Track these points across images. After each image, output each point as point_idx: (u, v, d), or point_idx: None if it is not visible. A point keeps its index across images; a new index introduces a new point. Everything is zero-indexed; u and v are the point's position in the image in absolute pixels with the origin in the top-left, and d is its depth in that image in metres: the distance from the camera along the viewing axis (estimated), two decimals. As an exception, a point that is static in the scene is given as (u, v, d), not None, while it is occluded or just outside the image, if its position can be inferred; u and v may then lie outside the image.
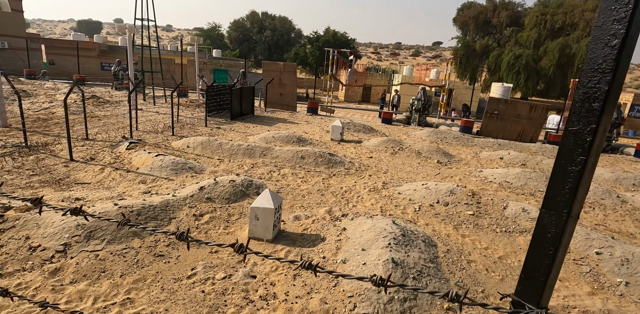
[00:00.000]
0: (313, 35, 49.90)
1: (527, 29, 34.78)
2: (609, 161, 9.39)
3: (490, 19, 37.74)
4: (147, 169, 5.02)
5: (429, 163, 7.23)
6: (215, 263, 3.04)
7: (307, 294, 2.70)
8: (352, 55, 18.94)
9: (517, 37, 35.99)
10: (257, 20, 56.97)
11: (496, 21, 37.53)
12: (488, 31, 39.86)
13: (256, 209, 3.37)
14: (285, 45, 55.85)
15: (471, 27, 39.31)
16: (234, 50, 52.95)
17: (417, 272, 2.90)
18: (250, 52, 56.35)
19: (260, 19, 57.08)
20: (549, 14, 33.06)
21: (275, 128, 9.28)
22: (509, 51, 34.49)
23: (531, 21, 34.27)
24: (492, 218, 4.37)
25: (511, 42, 36.47)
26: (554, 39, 33.33)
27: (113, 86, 16.37)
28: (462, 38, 40.21)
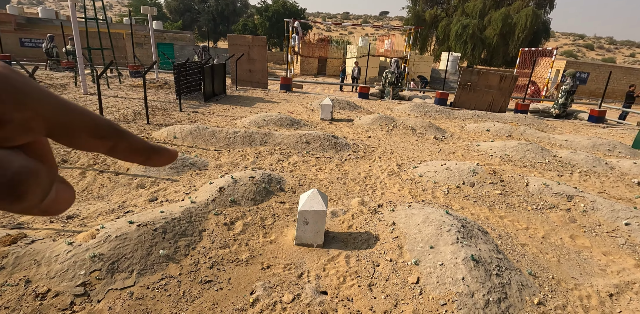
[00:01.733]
0: (261, 4, 46.87)
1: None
2: (572, 127, 10.08)
3: (439, -13, 37.90)
4: (140, 169, 4.27)
5: (426, 139, 7.14)
6: (273, 281, 2.63)
7: (395, 308, 2.43)
8: (296, 23, 17.80)
9: (463, 7, 36.75)
10: (198, -13, 51.93)
11: (445, -10, 37.79)
12: (436, 1, 40.18)
13: (306, 213, 2.95)
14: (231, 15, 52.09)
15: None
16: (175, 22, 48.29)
17: (496, 267, 2.75)
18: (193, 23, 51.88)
19: (202, -15, 52.07)
20: (494, -17, 33.86)
21: (257, 109, 8.56)
22: (456, 21, 35.25)
23: (477, -10, 34.92)
24: (520, 196, 4.38)
25: (458, 11, 37.22)
26: (497, 8, 34.54)
27: (47, 66, 14.05)
28: (412, 7, 40.21)
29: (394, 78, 12.64)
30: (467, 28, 34.53)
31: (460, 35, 35.13)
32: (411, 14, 40.07)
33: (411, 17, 39.64)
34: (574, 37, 76.28)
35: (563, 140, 7.61)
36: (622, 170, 5.90)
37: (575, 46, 66.75)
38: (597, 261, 3.27)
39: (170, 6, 52.03)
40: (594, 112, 11.16)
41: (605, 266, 3.20)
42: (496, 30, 33.89)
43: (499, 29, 33.70)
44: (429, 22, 38.06)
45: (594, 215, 4.01)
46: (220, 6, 50.31)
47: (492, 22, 34.22)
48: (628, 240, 3.65)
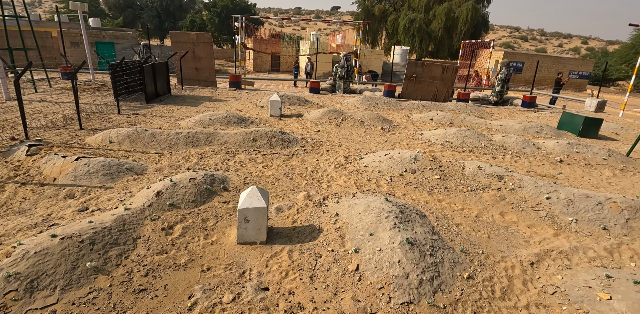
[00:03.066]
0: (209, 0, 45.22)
1: (418, -7, 36.78)
2: (508, 113, 10.86)
3: (386, -17, 38.80)
4: (69, 178, 3.96)
5: (373, 130, 7.33)
6: (213, 283, 2.58)
7: (335, 296, 2.49)
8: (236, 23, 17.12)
9: (410, 2, 38.01)
10: (139, -18, 48.97)
11: (391, -15, 38.75)
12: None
13: (245, 211, 2.92)
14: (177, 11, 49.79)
15: (369, -8, 39.95)
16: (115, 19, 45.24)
17: (430, 247, 2.90)
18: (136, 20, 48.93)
19: (142, -20, 49.14)
20: (435, -21, 35.27)
21: (204, 109, 8.29)
22: (404, 15, 36.39)
23: (421, -14, 36.22)
24: (457, 179, 4.65)
25: (405, 6, 38.44)
26: (441, 3, 36.07)
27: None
28: (362, 3, 40.92)
29: (344, 72, 12.82)
30: (414, 22, 35.76)
31: (408, 29, 36.33)
32: (361, 8, 40.75)
33: (361, 11, 40.31)
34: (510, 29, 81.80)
35: (498, 125, 8.17)
36: (547, 150, 6.46)
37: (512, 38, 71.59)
38: (523, 233, 3.57)
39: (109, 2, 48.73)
40: (526, 98, 12.08)
41: (529, 237, 3.51)
42: (441, 24, 35.43)
43: (443, 23, 35.26)
44: (379, 16, 38.93)
45: (520, 192, 4.37)
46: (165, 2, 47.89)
47: (436, 16, 35.71)
48: (549, 213, 4.02)
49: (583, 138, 7.83)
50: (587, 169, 5.77)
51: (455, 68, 11.69)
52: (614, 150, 6.63)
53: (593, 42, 74.13)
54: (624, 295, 2.43)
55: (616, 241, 3.48)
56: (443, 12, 34.49)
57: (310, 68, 21.69)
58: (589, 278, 2.74)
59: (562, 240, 3.52)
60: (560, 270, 2.93)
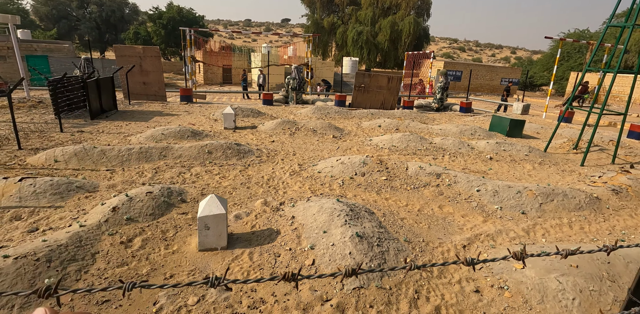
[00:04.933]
0: (154, 11, 43.86)
1: (364, 7, 38.84)
2: (448, 118, 11.88)
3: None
4: (14, 200, 3.82)
5: (326, 139, 7.72)
6: (177, 288, 2.69)
7: (294, 289, 2.73)
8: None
9: (357, 15, 39.89)
10: (75, -8, 46.31)
11: (338, 0, 40.47)
12: (332, 9, 42.76)
13: (205, 218, 3.07)
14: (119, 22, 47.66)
15: (317, 6, 41.39)
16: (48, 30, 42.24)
17: (377, 239, 3.25)
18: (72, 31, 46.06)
19: (79, -10, 46.54)
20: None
21: (155, 124, 8.17)
22: (352, 28, 38.11)
23: (366, 1, 38.34)
24: (401, 179, 5.12)
25: (353, 19, 40.26)
26: (385, 17, 38.34)
27: None
28: (311, 16, 42.21)
29: (296, 83, 13.22)
30: (361, 34, 37.53)
31: (357, 41, 38.02)
32: (310, 21, 41.97)
33: (310, 24, 41.50)
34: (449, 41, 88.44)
35: (438, 129, 8.97)
36: (479, 149, 7.26)
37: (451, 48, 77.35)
38: (457, 222, 4.07)
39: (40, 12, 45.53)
40: (462, 103, 13.29)
41: (463, 225, 4.01)
42: (386, 36, 37.55)
43: (389, 35, 37.40)
44: (328, 29, 40.31)
45: (455, 187, 4.93)
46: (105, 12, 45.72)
47: (382, 29, 37.80)
48: (479, 203, 4.59)
49: (510, 138, 8.85)
50: (512, 164, 6.59)
51: (399, 78, 12.59)
52: (534, 147, 7.61)
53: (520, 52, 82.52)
54: (533, 264, 2.94)
55: (532, 223, 4.09)
56: (388, 25, 36.63)
57: (262, 80, 21.92)
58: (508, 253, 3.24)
59: (490, 225, 4.06)
60: (486, 250, 3.42)
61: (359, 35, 37.28)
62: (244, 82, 24.22)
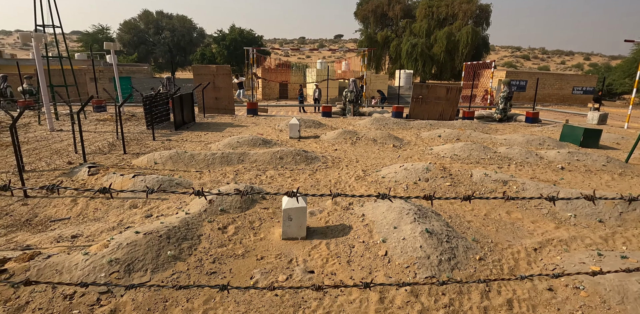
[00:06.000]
0: (218, 33, 47.91)
1: (418, 20, 38.80)
2: (512, 128, 11.43)
3: (387, 12, 41.08)
4: (129, 192, 4.63)
5: (386, 148, 7.96)
6: (268, 268, 3.13)
7: (369, 274, 3.01)
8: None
9: (411, 28, 39.93)
10: (152, 21, 52.37)
11: (392, 14, 41.00)
12: (386, 23, 43.32)
13: (289, 210, 3.51)
14: (188, 45, 52.57)
15: (371, 20, 42.21)
16: (130, 55, 48.08)
17: (446, 236, 3.43)
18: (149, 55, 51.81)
19: (156, 18, 52.57)
20: (434, 6, 37.36)
21: (228, 134, 9.08)
22: (406, 41, 38.15)
23: (421, 13, 38.31)
24: (466, 185, 5.18)
25: (407, 32, 40.34)
26: (441, 28, 37.87)
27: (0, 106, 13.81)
28: (365, 30, 43.09)
29: (353, 96, 13.69)
30: (416, 47, 37.38)
31: (411, 54, 37.91)
32: (364, 36, 42.81)
33: (364, 39, 42.32)
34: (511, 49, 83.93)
35: (502, 139, 8.74)
36: (549, 159, 6.97)
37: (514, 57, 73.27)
38: (527, 227, 4.06)
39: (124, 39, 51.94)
40: (529, 113, 12.69)
41: (533, 230, 3.99)
42: (442, 48, 36.97)
43: (445, 46, 36.79)
44: (381, 43, 40.78)
45: (524, 194, 4.87)
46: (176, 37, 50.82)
47: (437, 40, 37.33)
48: (550, 210, 4.50)
49: (584, 148, 8.32)
50: (587, 174, 6.25)
51: (459, 89, 12.46)
52: (613, 157, 7.11)
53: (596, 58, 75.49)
54: (612, 267, 2.90)
55: (610, 231, 3.94)
56: (444, 36, 36.10)
57: (318, 94, 22.83)
58: (583, 256, 3.21)
59: (562, 231, 3.99)
60: (559, 253, 3.40)
61: (414, 47, 37.16)
62: (300, 97, 25.38)
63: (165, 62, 50.74)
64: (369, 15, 41.88)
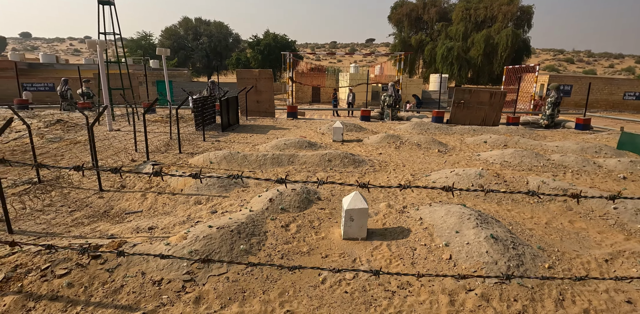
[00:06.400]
0: (253, 39, 49.23)
1: (454, 23, 37.99)
2: (562, 135, 10.93)
3: (422, 15, 40.57)
4: (193, 189, 4.93)
5: (431, 153, 7.89)
6: (334, 265, 3.23)
7: (436, 277, 3.04)
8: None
9: (446, 31, 39.13)
10: (191, 27, 54.77)
11: (427, 17, 40.42)
12: (420, 27, 42.74)
13: (351, 211, 3.61)
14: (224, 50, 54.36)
15: (405, 24, 41.80)
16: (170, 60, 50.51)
17: (512, 242, 3.38)
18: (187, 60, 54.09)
19: (195, 25, 54.95)
20: (472, 9, 36.44)
21: (272, 136, 9.35)
22: (441, 44, 37.41)
23: (458, 16, 37.49)
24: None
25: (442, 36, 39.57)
26: (478, 31, 36.84)
27: (61, 107, 14.99)
28: (398, 34, 42.73)
29: (392, 100, 13.65)
30: (452, 50, 36.56)
31: (446, 57, 37.11)
32: (397, 40, 42.41)
33: (397, 43, 41.93)
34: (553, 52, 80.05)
35: (554, 146, 8.40)
36: (609, 168, 6.63)
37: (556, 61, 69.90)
38: (593, 238, 3.91)
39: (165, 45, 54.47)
40: (579, 120, 12.09)
41: (600, 241, 3.84)
42: (480, 51, 35.92)
43: (482, 49, 35.73)
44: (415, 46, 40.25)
45: (586, 204, 4.69)
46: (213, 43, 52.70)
47: (475, 44, 36.32)
48: (617, 221, 4.30)
49: (646, 158, 7.82)
50: (653, 185, 5.88)
51: (504, 94, 12.11)
52: (681, 168, 6.64)
53: (648, 61, 70.31)
54: (699, 283, 2.75)
55: (690, 245, 3.71)
56: (482, 39, 35.11)
57: (352, 98, 22.92)
58: (665, 270, 3.06)
59: (634, 243, 3.81)
60: (634, 265, 3.26)
61: (449, 51, 36.39)
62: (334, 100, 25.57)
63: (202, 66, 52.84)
64: (403, 19, 41.51)
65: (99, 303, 2.66)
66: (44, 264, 2.97)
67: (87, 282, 2.82)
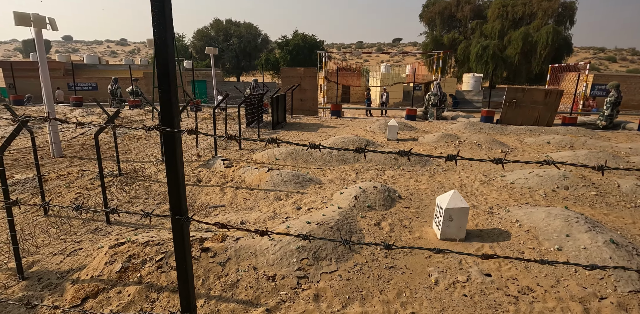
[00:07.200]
0: (282, 39, 49.66)
1: (490, 20, 36.77)
2: (626, 137, 10.27)
3: (455, 13, 39.54)
4: (269, 185, 4.94)
5: (494, 153, 7.59)
6: (441, 266, 3.11)
7: (558, 283, 2.86)
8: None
9: (481, 29, 37.94)
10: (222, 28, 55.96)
11: (460, 15, 39.36)
12: (453, 25, 41.69)
13: (451, 210, 3.47)
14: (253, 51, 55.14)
15: (437, 22, 40.91)
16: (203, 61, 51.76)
17: (633, 248, 3.14)
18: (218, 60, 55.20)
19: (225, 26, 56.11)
20: (509, 6, 35.17)
21: (324, 134, 9.31)
22: (476, 43, 36.30)
23: (494, 13, 36.27)
24: (615, 196, 4.74)
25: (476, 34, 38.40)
26: (516, 28, 35.48)
27: (111, 105, 15.65)
28: (430, 33, 41.86)
29: (437, 100, 13.32)
30: (487, 49, 35.39)
31: (481, 56, 35.97)
32: (429, 39, 41.55)
33: (429, 41, 41.08)
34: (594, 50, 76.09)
35: (627, 147, 7.88)
36: (700, 172, 6.12)
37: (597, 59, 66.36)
38: None
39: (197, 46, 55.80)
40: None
41: None
42: (517, 49, 34.58)
43: (520, 48, 34.37)
44: (448, 45, 39.28)
45: (696, 209, 4.32)
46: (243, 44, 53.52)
47: (512, 42, 35.01)
48: None
49: None
50: None
51: (560, 92, 11.54)
52: None
53: (699, 59, 65.43)
54: None
55: None
56: (519, 37, 33.78)
57: (385, 98, 22.64)
58: None
59: None
60: None
61: (484, 49, 35.23)
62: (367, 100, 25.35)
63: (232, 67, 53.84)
64: (435, 17, 40.60)
65: (220, 296, 2.67)
66: (157, 256, 3.02)
67: (203, 275, 2.84)
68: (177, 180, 1.22)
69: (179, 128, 1.18)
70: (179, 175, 1.22)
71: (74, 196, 4.52)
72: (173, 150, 1.16)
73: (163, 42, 0.97)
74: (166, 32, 0.96)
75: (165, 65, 1.01)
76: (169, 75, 1.03)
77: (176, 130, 1.15)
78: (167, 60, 1.00)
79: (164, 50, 0.98)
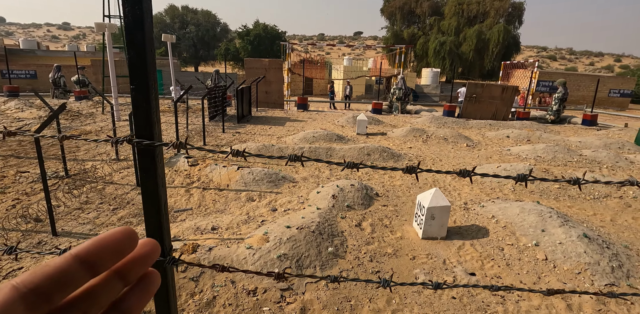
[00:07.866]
0: (242, 29, 47.98)
1: (447, 17, 38.07)
2: (572, 131, 11.07)
3: (414, 9, 40.42)
4: (240, 184, 4.62)
5: (459, 147, 7.78)
6: (427, 268, 3.04)
7: (539, 279, 2.89)
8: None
9: (439, 26, 39.21)
10: (178, 15, 52.87)
11: (420, 11, 40.33)
12: (413, 21, 42.64)
13: (433, 209, 3.41)
14: (211, 40, 52.80)
15: (398, 17, 41.64)
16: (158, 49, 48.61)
17: (603, 241, 3.28)
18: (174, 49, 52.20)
19: (181, 13, 53.06)
20: (465, 4, 36.56)
21: (292, 128, 9.03)
22: (434, 39, 37.49)
23: (450, 10, 37.57)
24: (575, 189, 4.99)
25: (434, 30, 39.64)
26: (470, 26, 37.07)
27: (53, 95, 14.12)
28: (391, 27, 42.55)
29: (402, 94, 13.49)
30: (444, 45, 36.70)
31: (439, 52, 37.25)
32: (390, 33, 42.23)
33: (390, 36, 41.75)
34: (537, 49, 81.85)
35: (577, 141, 8.45)
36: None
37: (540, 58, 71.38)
38: (668, 236, 3.86)
39: (151, 34, 52.34)
40: (586, 116, 12.29)
41: (676, 239, 3.79)
42: (471, 46, 36.19)
43: (474, 45, 36.01)
44: (407, 40, 40.13)
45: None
46: (201, 32, 51.06)
47: (467, 39, 36.55)
48: (681, 219, 4.28)
49: (665, 153, 7.96)
50: (689, 181, 5.96)
51: (515, 89, 12.13)
52: None
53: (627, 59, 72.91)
54: None
55: None
56: (474, 34, 35.36)
57: (349, 91, 22.72)
58: None
59: None
60: None
61: (442, 45, 36.50)
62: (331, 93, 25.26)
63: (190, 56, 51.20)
64: (396, 12, 41.30)
65: (194, 315, 2.38)
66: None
67: (173, 291, 2.52)
68: (158, 211, 0.93)
69: (160, 140, 0.89)
70: (161, 203, 0.94)
71: (11, 203, 3.91)
72: (153, 171, 0.88)
73: (137, 20, 0.69)
74: (142, 4, 0.68)
75: (140, 53, 0.72)
76: (146, 67, 0.74)
77: (157, 142, 0.86)
78: (143, 46, 0.72)
79: (139, 32, 0.70)
